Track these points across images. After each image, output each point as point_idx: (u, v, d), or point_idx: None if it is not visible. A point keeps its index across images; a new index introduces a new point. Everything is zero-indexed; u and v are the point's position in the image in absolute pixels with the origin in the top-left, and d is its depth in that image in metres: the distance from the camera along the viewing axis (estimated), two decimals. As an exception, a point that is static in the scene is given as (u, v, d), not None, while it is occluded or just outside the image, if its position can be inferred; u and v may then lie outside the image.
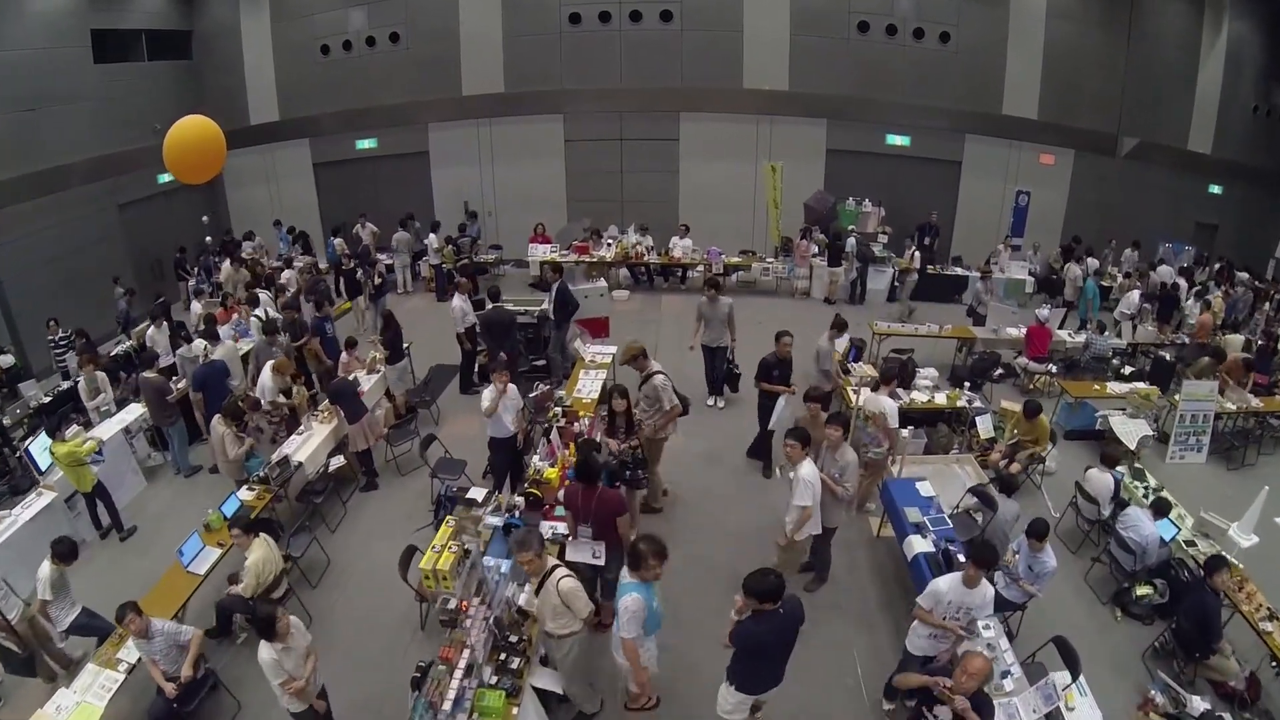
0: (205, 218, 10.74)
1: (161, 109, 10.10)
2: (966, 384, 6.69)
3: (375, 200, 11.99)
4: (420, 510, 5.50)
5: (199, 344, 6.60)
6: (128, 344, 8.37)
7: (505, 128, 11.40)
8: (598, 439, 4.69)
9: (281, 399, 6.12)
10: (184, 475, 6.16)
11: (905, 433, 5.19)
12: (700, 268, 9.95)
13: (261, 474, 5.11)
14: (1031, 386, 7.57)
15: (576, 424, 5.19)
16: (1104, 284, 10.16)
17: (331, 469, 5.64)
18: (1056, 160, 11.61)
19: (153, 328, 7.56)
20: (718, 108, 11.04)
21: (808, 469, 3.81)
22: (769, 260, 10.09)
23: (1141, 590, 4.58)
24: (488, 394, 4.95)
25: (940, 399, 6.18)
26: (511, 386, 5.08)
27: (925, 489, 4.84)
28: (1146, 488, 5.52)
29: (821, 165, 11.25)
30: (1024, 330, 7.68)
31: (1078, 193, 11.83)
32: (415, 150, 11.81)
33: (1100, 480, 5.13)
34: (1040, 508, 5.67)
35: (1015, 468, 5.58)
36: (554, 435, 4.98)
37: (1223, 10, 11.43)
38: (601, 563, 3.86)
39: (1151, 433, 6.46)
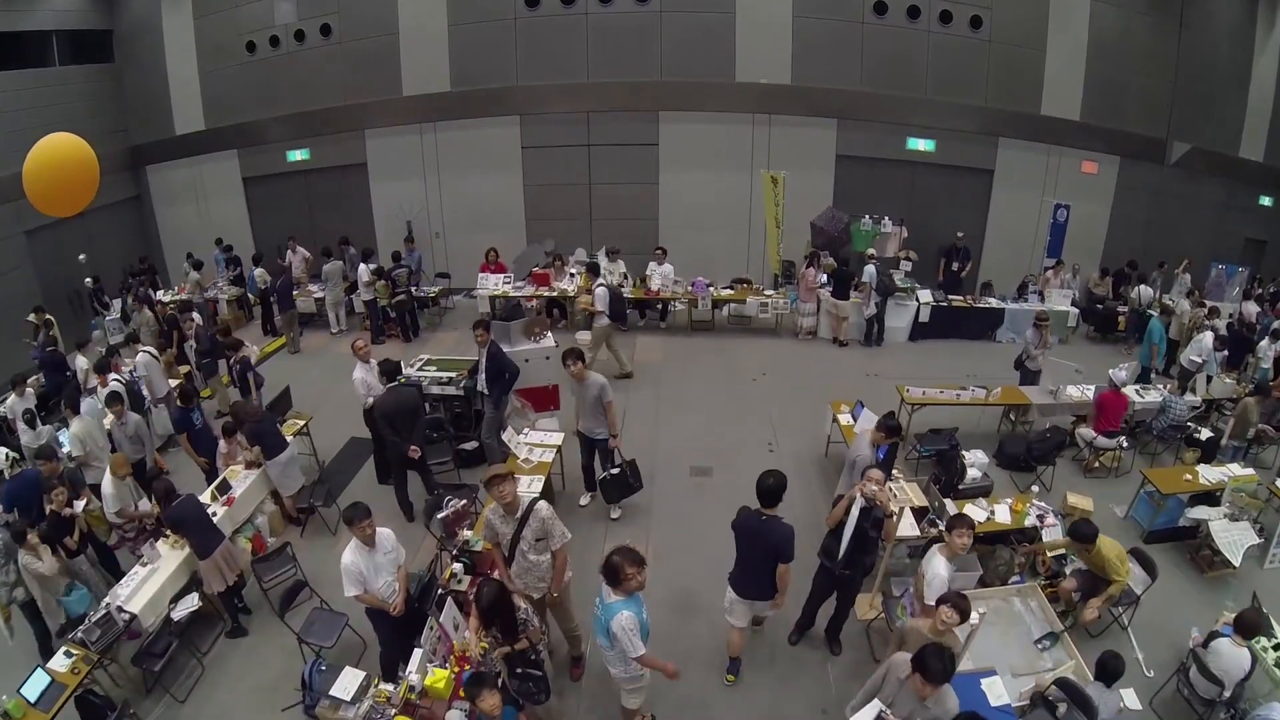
0: (82, 256, 9.19)
1: (77, 120, 9.17)
2: (1033, 487, 5.11)
3: (310, 220, 10.64)
4: (295, 674, 3.99)
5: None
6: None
7: (452, 134, 9.72)
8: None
9: (134, 508, 4.70)
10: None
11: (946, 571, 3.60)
12: (683, 301, 8.33)
13: (79, 635, 3.68)
14: (1096, 464, 6.05)
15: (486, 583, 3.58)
16: (1152, 313, 8.65)
17: (179, 616, 4.13)
18: (1100, 168, 10.01)
19: (13, 395, 6.05)
20: (706, 106, 9.33)
21: None
22: (768, 293, 8.45)
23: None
24: (347, 557, 3.37)
25: (1002, 514, 4.61)
26: (384, 533, 3.51)
27: (995, 692, 3.28)
28: (1281, 651, 3.99)
29: (831, 175, 9.58)
30: (1089, 391, 6.15)
31: (1121, 206, 10.25)
32: (352, 162, 10.20)
33: (1233, 658, 3.59)
34: (1128, 662, 4.17)
35: (1090, 615, 4.04)
36: (448, 611, 3.38)
37: (1277, 3, 9.84)
38: None
39: (1257, 540, 4.95)
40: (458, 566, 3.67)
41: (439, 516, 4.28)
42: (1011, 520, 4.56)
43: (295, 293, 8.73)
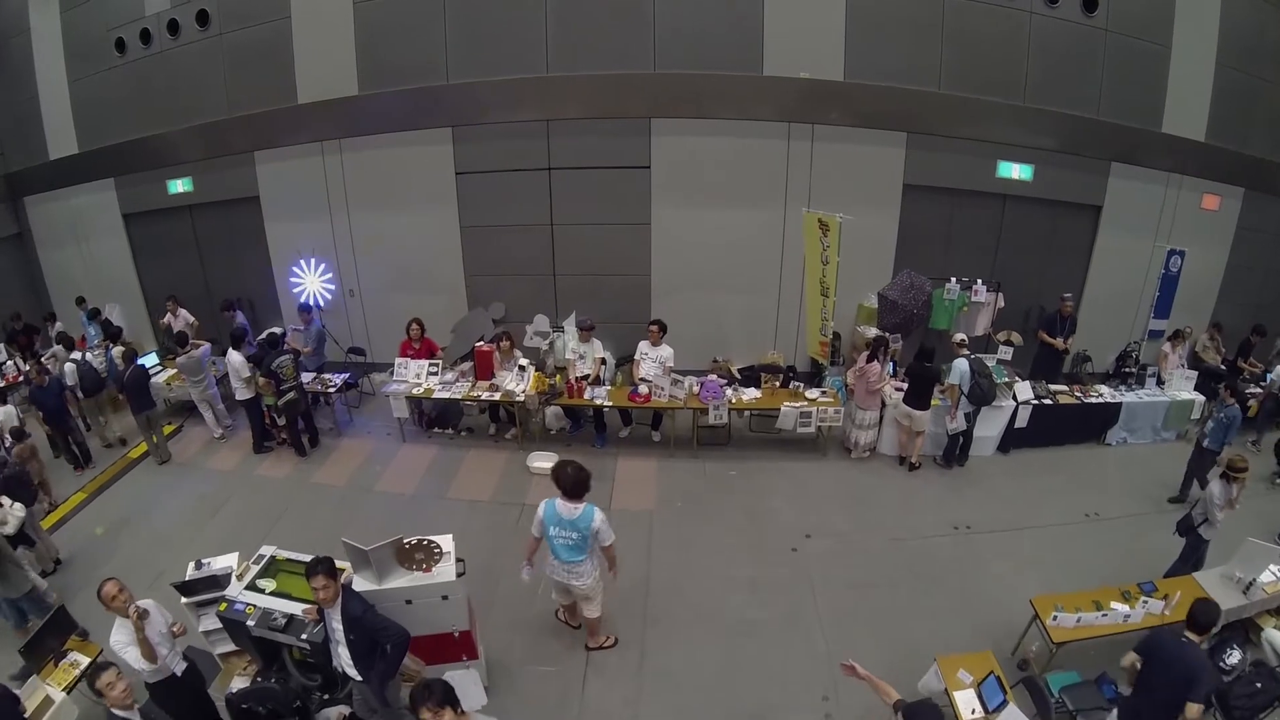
0: None
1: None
2: None
3: (202, 269, 8.30)
4: None
5: None
6: None
7: (364, 154, 7.00)
8: None
9: None
10: None
11: None
12: (683, 405, 5.74)
13: None
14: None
15: None
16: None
17: None
18: (1222, 203, 7.73)
19: None
20: (719, 111, 6.58)
21: None
22: (811, 394, 5.93)
23: None
24: None
25: None
26: None
27: None
28: None
29: (895, 213, 6.89)
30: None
31: (1240, 252, 8.01)
32: (241, 195, 7.58)
33: None
34: None
35: None
36: None
37: None
38: None
39: None
40: None
41: None
42: None
43: (168, 376, 6.59)
